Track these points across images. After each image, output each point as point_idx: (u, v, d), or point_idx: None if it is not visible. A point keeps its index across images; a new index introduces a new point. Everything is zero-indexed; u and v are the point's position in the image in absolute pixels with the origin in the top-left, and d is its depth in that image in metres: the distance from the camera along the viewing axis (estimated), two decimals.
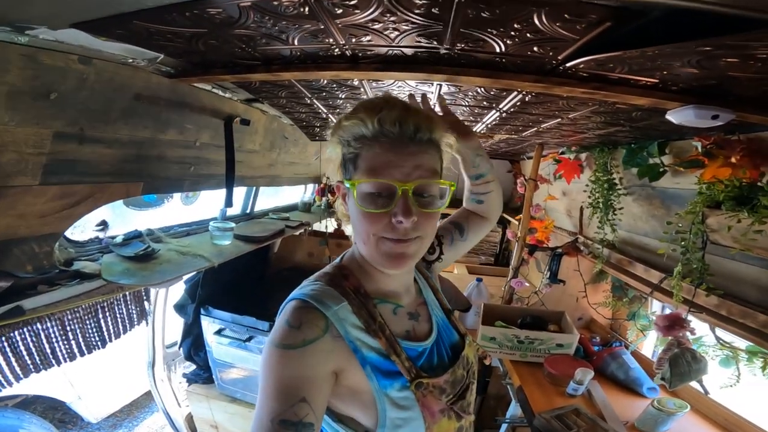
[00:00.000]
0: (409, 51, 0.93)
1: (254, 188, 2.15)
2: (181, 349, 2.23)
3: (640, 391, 1.65)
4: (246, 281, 2.28)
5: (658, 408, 1.41)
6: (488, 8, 0.67)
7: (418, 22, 0.76)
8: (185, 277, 1.80)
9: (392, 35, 0.84)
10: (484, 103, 1.33)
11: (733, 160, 1.10)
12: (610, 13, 0.66)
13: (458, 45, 0.87)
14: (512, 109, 1.35)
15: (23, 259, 1.07)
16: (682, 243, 1.22)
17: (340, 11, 0.72)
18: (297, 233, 2.28)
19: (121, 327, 1.36)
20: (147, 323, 1.51)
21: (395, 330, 0.72)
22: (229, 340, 1.95)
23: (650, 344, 2.00)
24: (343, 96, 1.41)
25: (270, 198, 2.56)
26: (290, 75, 1.11)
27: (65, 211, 1.11)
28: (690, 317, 1.28)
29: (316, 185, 2.69)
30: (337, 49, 0.95)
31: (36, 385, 2.56)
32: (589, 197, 1.85)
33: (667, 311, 1.63)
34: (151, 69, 1.10)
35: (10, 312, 1.03)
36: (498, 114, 1.44)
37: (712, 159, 1.16)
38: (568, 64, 0.89)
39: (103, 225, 1.37)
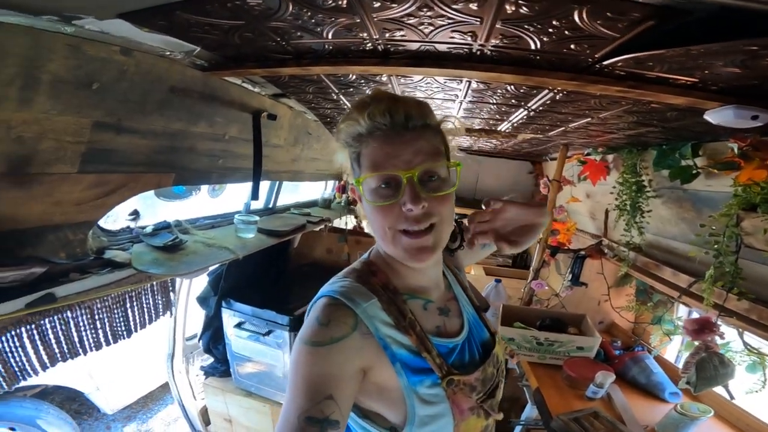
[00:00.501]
0: (441, 47, 0.93)
1: (277, 183, 2.18)
2: (201, 341, 2.28)
3: (662, 396, 1.62)
4: (267, 276, 2.31)
5: (681, 412, 1.37)
6: (528, 4, 0.66)
7: (454, 17, 0.76)
8: (210, 269, 1.83)
9: (426, 30, 0.84)
10: (513, 101, 1.31)
11: None
12: (654, 11, 0.64)
13: (492, 41, 0.86)
14: (541, 108, 1.33)
15: (57, 246, 1.10)
16: (715, 246, 1.19)
17: (377, 5, 0.72)
18: (317, 229, 2.30)
19: (146, 317, 1.40)
20: (171, 314, 1.54)
21: (426, 326, 0.72)
22: (248, 334, 1.98)
23: (673, 350, 1.95)
24: (369, 92, 1.41)
25: (290, 194, 2.59)
26: (320, 69, 1.12)
27: (100, 199, 1.15)
28: (719, 321, 1.25)
29: (337, 182, 2.71)
30: (369, 44, 0.95)
31: (55, 375, 2.60)
32: (616, 199, 1.81)
33: (694, 315, 1.59)
34: (186, 62, 1.12)
35: (43, 299, 1.06)
36: (526, 112, 1.42)
37: (748, 161, 1.13)
38: (605, 63, 0.87)
39: (135, 215, 1.41)
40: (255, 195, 1.56)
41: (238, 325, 1.97)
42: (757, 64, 0.73)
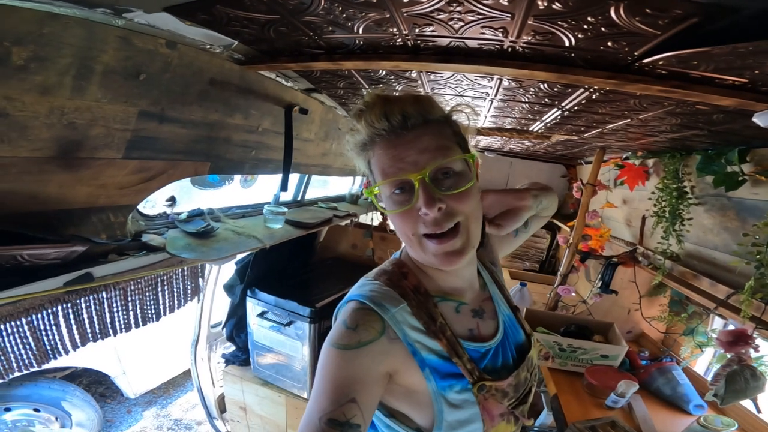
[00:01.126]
0: (472, 43, 0.92)
1: (306, 177, 2.23)
2: (224, 329, 2.36)
3: (686, 408, 1.55)
4: (292, 267, 2.37)
5: (703, 425, 1.30)
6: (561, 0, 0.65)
7: (484, 12, 0.75)
8: (239, 257, 1.90)
9: (456, 26, 0.83)
10: (546, 100, 1.28)
11: None
12: (698, 8, 0.61)
13: (524, 38, 0.84)
14: (576, 108, 1.29)
15: (99, 228, 1.18)
16: (758, 256, 1.11)
17: (406, 0, 0.73)
18: (343, 224, 2.33)
19: (176, 301, 1.46)
20: (199, 300, 1.61)
21: (457, 330, 0.70)
22: (270, 324, 2.03)
23: (703, 362, 1.85)
24: (399, 88, 1.42)
25: (320, 189, 2.64)
26: (351, 64, 1.14)
27: (141, 184, 1.23)
28: (755, 334, 1.17)
29: (364, 178, 2.72)
30: (399, 40, 0.96)
31: (85, 358, 2.73)
32: (655, 205, 1.72)
33: (730, 328, 1.50)
34: (224, 55, 1.17)
35: (81, 278, 1.11)
36: (560, 112, 1.38)
37: None
38: (645, 61, 0.84)
39: (172, 201, 1.49)
40: (284, 186, 1.61)
41: (261, 315, 2.03)
42: None
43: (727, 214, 1.45)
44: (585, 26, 0.74)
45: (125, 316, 1.24)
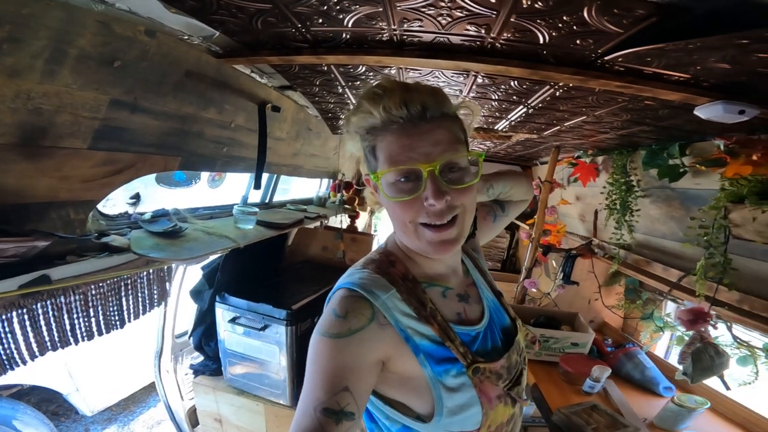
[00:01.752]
0: (455, 39, 0.97)
1: (274, 178, 2.19)
2: (192, 338, 2.22)
3: (656, 391, 1.66)
4: (262, 271, 2.29)
5: (678, 404, 1.41)
6: None
7: (472, 9, 0.80)
8: (211, 258, 1.81)
9: (443, 22, 0.88)
10: (514, 97, 1.37)
11: (754, 158, 1.15)
12: (657, 8, 0.70)
13: (504, 35, 0.91)
14: (540, 105, 1.40)
15: (58, 225, 1.09)
16: (705, 238, 1.26)
17: None
18: (313, 225, 2.31)
19: (141, 307, 1.36)
20: (166, 304, 1.52)
21: (446, 314, 0.71)
22: (243, 329, 1.95)
23: (662, 346, 2.02)
24: (376, 82, 1.45)
25: (280, 195, 2.59)
26: (334, 59, 1.15)
27: (106, 178, 1.15)
28: (711, 313, 1.30)
29: (331, 181, 2.73)
30: (386, 35, 0.99)
31: (33, 375, 2.55)
32: (606, 199, 1.89)
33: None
34: (203, 47, 1.14)
35: (37, 280, 1.02)
36: (525, 110, 1.48)
37: (734, 157, 1.21)
38: (607, 57, 0.93)
39: (136, 198, 1.40)
40: (258, 184, 1.57)
41: (233, 320, 1.94)
42: (747, 59, 0.80)
43: (672, 204, 1.63)
44: (560, 24, 0.81)
45: (86, 323, 1.14)
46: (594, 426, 1.33)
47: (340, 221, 2.67)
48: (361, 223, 3.48)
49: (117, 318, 1.24)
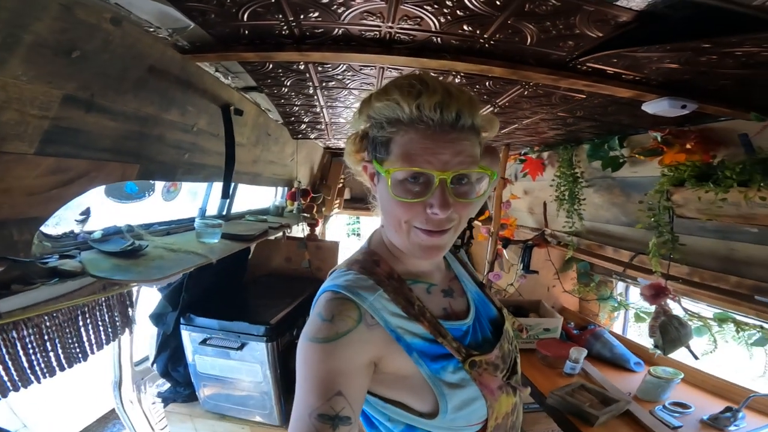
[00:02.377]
0: (446, 38, 1.00)
1: (232, 186, 2.02)
2: (155, 365, 1.95)
3: (628, 366, 1.81)
4: (227, 288, 2.10)
5: (656, 376, 1.55)
6: (550, 1, 0.76)
7: (475, 9, 0.83)
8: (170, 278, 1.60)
9: (442, 20, 0.90)
10: (485, 97, 1.45)
11: (688, 146, 1.34)
12: (638, 16, 0.79)
13: (497, 35, 0.95)
14: (507, 104, 1.49)
15: None
16: (653, 219, 1.44)
17: None
18: (275, 236, 2.18)
19: (103, 336, 1.18)
20: (131, 332, 1.32)
21: (432, 310, 0.70)
22: (216, 350, 1.77)
23: (618, 325, 2.24)
24: (352, 86, 1.43)
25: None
26: (319, 56, 1.11)
27: (55, 190, 0.97)
28: (669, 287, 1.47)
29: (286, 189, 2.62)
30: (383, 31, 0.98)
31: None
32: (556, 191, 2.07)
33: (632, 288, 1.85)
34: (170, 41, 1.03)
35: None
36: (492, 109, 1.57)
37: (669, 147, 1.40)
38: (582, 59, 1.03)
39: (86, 214, 1.20)
40: (226, 193, 1.44)
41: (204, 342, 1.75)
42: (696, 61, 0.94)
43: (614, 192, 1.84)
44: (551, 28, 0.88)
45: (45, 359, 0.96)
46: (588, 403, 1.43)
47: (302, 230, 2.57)
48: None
49: (78, 350, 1.06)
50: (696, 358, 1.50)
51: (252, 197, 2.80)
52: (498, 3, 0.80)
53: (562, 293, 2.35)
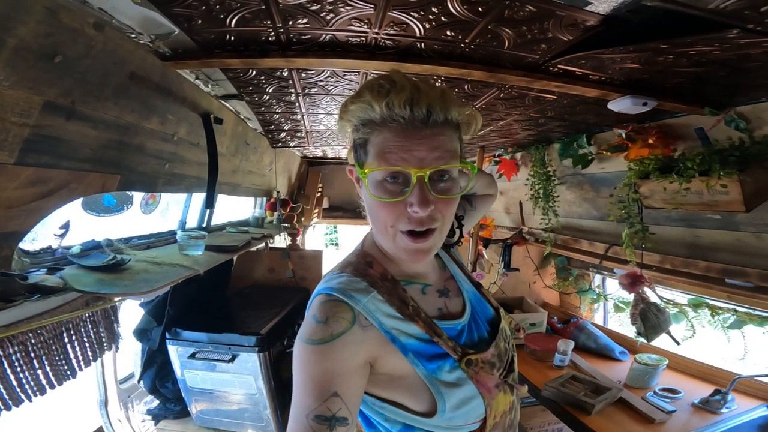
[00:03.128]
0: (429, 43, 1.04)
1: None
2: (142, 382, 1.85)
3: (613, 356, 1.88)
4: (212, 301, 2.03)
5: (643, 363, 1.62)
6: (527, 6, 0.81)
7: (458, 16, 0.88)
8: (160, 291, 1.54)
9: (427, 26, 0.94)
10: (463, 100, 1.51)
11: (650, 141, 1.45)
12: (604, 20, 0.87)
13: (477, 40, 1.00)
14: (483, 106, 1.56)
15: None
16: (624, 211, 1.53)
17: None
18: (257, 248, 2.15)
19: (90, 353, 1.12)
20: (117, 348, 1.26)
21: (427, 311, 0.70)
22: (207, 364, 1.70)
23: (599, 316, 2.34)
24: (335, 92, 1.46)
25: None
26: (305, 62, 1.13)
27: (35, 202, 0.93)
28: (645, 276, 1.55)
29: (265, 200, 2.58)
30: (369, 37, 1.01)
31: None
32: (531, 189, 2.16)
33: (608, 280, 1.94)
34: (151, 47, 1.02)
35: None
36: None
37: (633, 142, 1.51)
38: (553, 61, 1.10)
39: (65, 228, 1.14)
40: (210, 203, 1.42)
41: (193, 356, 1.68)
42: (654, 60, 1.02)
43: (584, 188, 1.94)
44: (527, 32, 0.94)
45: (33, 377, 0.91)
46: (582, 393, 1.48)
47: (284, 240, 2.53)
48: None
49: (66, 367, 1.02)
50: (677, 343, 1.57)
51: (227, 210, 2.75)
52: (480, 9, 0.84)
53: (543, 288, 2.44)
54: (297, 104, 1.58)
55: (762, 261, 1.30)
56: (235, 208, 2.79)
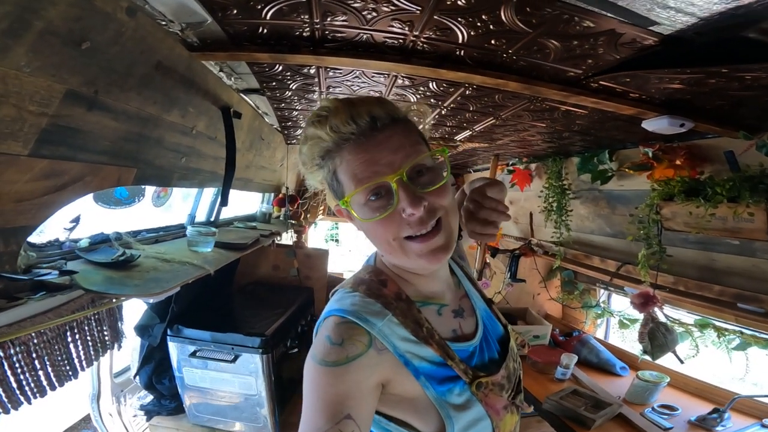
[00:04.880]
0: (476, 52, 1.00)
1: (219, 191, 1.92)
2: (138, 377, 1.81)
3: (614, 371, 1.88)
4: (215, 298, 1.98)
5: (644, 380, 1.63)
6: (585, 22, 0.78)
7: (508, 25, 0.83)
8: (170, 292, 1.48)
9: (472, 33, 0.89)
10: (490, 109, 1.47)
11: (677, 162, 1.42)
12: (661, 39, 0.82)
13: (521, 51, 0.96)
14: (509, 117, 1.52)
15: None
16: (643, 232, 1.51)
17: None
18: (266, 244, 2.09)
19: (92, 352, 1.07)
20: (120, 347, 1.21)
21: (442, 332, 0.69)
22: (206, 362, 1.66)
23: (601, 332, 2.33)
24: (360, 93, 1.41)
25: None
26: (335, 60, 1.08)
27: (47, 196, 0.88)
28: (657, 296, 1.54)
29: (273, 195, 2.52)
30: (406, 41, 0.97)
31: None
32: (544, 201, 2.14)
33: (614, 296, 1.92)
34: (180, 36, 0.97)
35: None
36: (493, 121, 1.60)
37: (659, 162, 1.48)
38: (596, 77, 1.06)
39: (76, 222, 1.09)
40: (225, 200, 1.36)
41: (194, 354, 1.64)
42: (704, 82, 0.98)
43: (599, 204, 1.91)
44: (577, 47, 0.89)
45: (35, 378, 0.87)
46: (583, 407, 1.47)
47: (290, 237, 2.48)
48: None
49: (68, 368, 0.97)
50: (681, 362, 1.57)
51: (234, 203, 2.68)
52: (534, 21, 0.80)
53: (547, 300, 2.42)
54: (318, 103, 1.53)
55: None
56: (241, 201, 2.73)
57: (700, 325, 1.61)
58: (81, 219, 1.11)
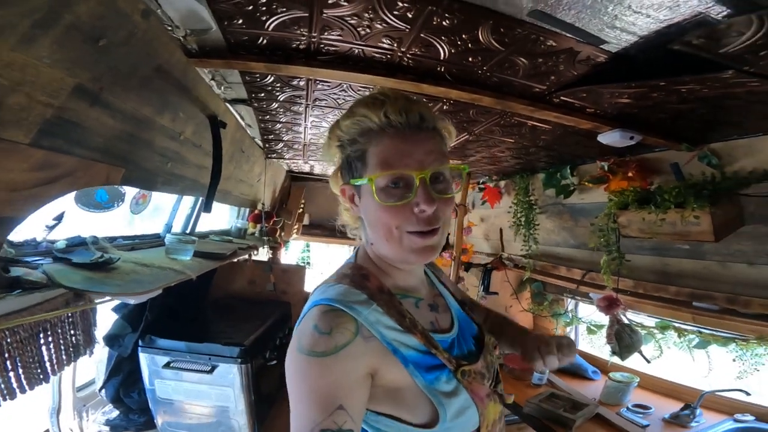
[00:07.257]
0: (455, 68, 1.11)
1: (198, 204, 1.90)
2: (104, 390, 1.66)
3: (587, 375, 2.00)
4: (188, 310, 1.90)
5: (616, 380, 1.73)
6: (549, 41, 0.90)
7: (485, 44, 0.95)
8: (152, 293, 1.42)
9: (453, 50, 1.01)
10: (464, 125, 1.59)
11: (629, 174, 1.60)
12: (611, 57, 0.97)
13: (495, 68, 1.08)
14: (482, 132, 1.65)
15: None
16: (602, 240, 1.65)
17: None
18: (237, 259, 2.07)
19: (65, 356, 1.02)
20: (92, 353, 1.14)
21: (421, 323, 0.71)
22: (181, 374, 1.57)
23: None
24: (345, 106, 1.49)
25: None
26: (327, 73, 1.16)
27: (38, 188, 0.87)
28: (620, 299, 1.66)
29: (248, 211, 2.51)
30: (394, 56, 1.07)
31: None
32: (513, 217, 2.28)
33: (581, 305, 2.05)
34: (181, 42, 1.02)
35: None
36: (467, 137, 1.72)
37: (614, 175, 1.66)
38: (557, 93, 1.20)
39: (59, 219, 1.06)
40: (208, 207, 1.37)
41: (167, 365, 1.55)
42: (648, 96, 1.13)
43: (563, 217, 2.07)
44: (542, 64, 1.02)
45: (4, 379, 0.82)
46: (562, 408, 1.54)
47: (266, 253, 2.46)
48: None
49: (39, 370, 0.92)
50: (648, 361, 1.68)
51: (205, 217, 2.63)
52: (506, 40, 0.93)
53: (519, 312, 2.51)
54: (303, 115, 1.60)
55: (726, 287, 1.45)
56: (210, 217, 2.67)
57: (661, 327, 1.75)
58: (64, 217, 1.08)
